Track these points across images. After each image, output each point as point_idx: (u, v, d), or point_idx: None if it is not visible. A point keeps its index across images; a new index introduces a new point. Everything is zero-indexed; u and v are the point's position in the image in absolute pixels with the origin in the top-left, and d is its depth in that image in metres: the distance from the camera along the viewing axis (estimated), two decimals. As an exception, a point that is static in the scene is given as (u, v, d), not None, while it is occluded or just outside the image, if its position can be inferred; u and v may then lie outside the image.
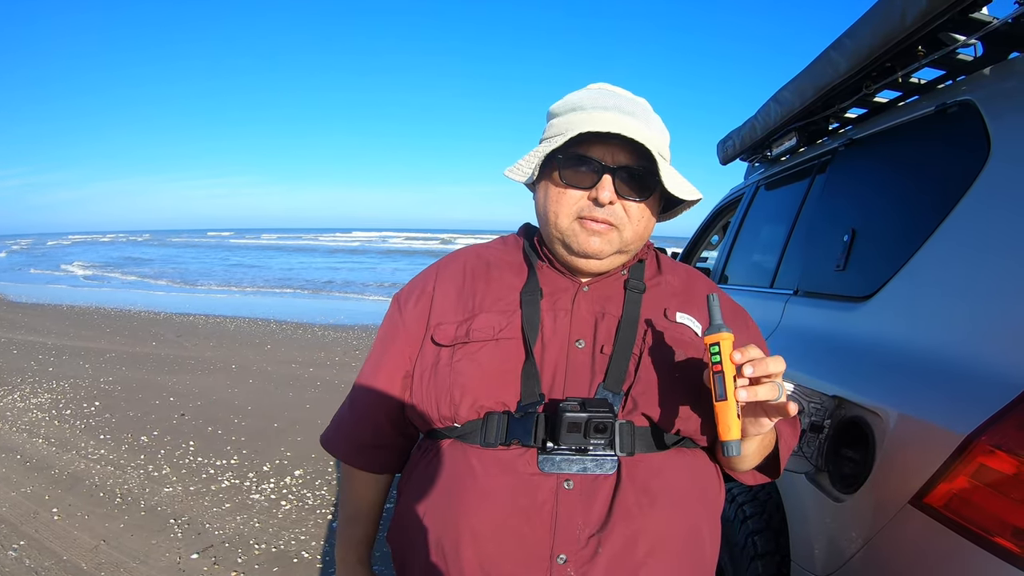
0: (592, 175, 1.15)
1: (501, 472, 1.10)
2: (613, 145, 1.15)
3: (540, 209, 1.24)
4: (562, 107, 1.22)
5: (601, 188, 1.15)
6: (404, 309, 1.31)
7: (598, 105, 1.17)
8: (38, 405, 6.88)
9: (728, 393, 0.99)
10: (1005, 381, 1.20)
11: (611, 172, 1.15)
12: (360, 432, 1.35)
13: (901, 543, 1.35)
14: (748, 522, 2.07)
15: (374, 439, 1.34)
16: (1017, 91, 1.59)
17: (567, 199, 1.18)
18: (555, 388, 1.15)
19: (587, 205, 1.17)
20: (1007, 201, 1.44)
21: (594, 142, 1.15)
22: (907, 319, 1.62)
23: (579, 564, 1.05)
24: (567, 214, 1.18)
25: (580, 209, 1.17)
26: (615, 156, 1.16)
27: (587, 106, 1.18)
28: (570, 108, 1.20)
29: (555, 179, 1.19)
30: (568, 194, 1.17)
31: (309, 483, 4.88)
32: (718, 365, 1.00)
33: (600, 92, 1.22)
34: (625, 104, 1.19)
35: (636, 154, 1.16)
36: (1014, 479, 1.12)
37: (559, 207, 1.18)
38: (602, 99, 1.19)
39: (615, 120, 1.14)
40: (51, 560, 3.63)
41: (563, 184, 1.17)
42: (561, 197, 1.18)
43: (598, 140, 1.15)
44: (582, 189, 1.17)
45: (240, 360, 9.51)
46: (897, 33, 1.76)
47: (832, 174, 2.48)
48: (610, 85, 1.26)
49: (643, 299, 1.26)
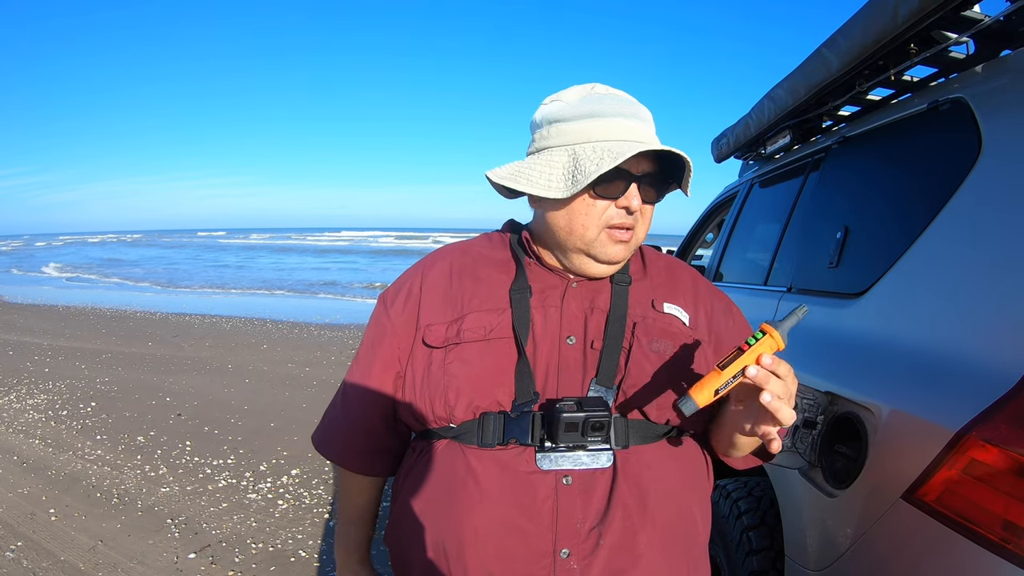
0: (622, 184, 1.15)
1: (501, 472, 1.11)
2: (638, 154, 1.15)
3: (560, 222, 1.21)
4: (571, 112, 1.19)
5: (630, 196, 1.15)
6: (391, 309, 1.30)
7: (617, 112, 1.16)
8: (34, 406, 6.86)
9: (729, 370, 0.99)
10: (996, 376, 1.21)
11: (637, 180, 1.16)
12: (356, 436, 1.34)
13: (894, 537, 1.36)
14: (743, 518, 2.09)
15: (370, 443, 1.34)
16: (1009, 89, 1.60)
17: (596, 210, 1.17)
18: (548, 386, 1.16)
19: (617, 213, 1.17)
20: (999, 198, 1.44)
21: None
22: (899, 315, 1.63)
23: (581, 557, 1.07)
24: (596, 225, 1.17)
25: (609, 218, 1.17)
26: (639, 165, 1.16)
27: (606, 113, 1.16)
28: (584, 115, 1.17)
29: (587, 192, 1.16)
30: (598, 205, 1.16)
31: (306, 482, 4.88)
32: (747, 346, 1.00)
33: (611, 98, 1.19)
34: (639, 111, 1.19)
35: (653, 159, 1.17)
36: (1005, 473, 1.13)
37: (588, 219, 1.17)
38: (616, 106, 1.17)
39: (638, 130, 1.15)
40: (48, 561, 3.62)
41: (595, 196, 1.16)
42: (591, 209, 1.17)
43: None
44: (611, 199, 1.16)
45: (236, 360, 9.51)
46: (890, 31, 1.77)
47: (825, 171, 2.49)
48: (603, 85, 1.25)
49: (630, 292, 1.26)
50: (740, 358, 0.99)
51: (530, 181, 1.19)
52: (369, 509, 1.45)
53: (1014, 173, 1.43)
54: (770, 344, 1.00)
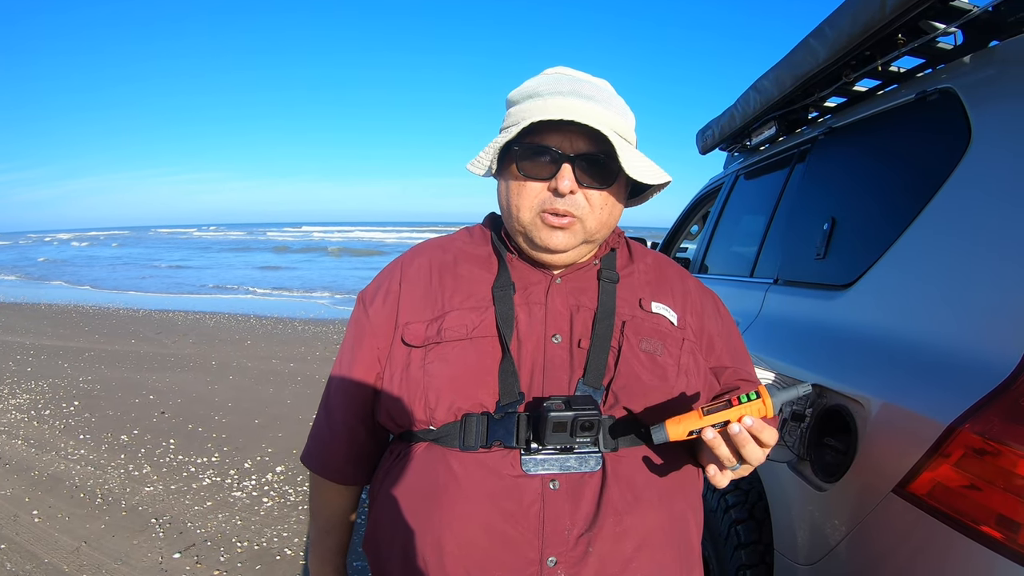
0: (550, 165, 1.12)
1: (484, 475, 1.07)
2: (571, 132, 1.11)
3: (502, 203, 1.21)
4: (519, 95, 1.18)
5: (560, 178, 1.10)
6: (370, 309, 1.26)
7: (555, 91, 1.13)
8: (16, 406, 6.78)
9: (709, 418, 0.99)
10: (987, 369, 1.20)
11: (570, 160, 1.11)
12: (337, 444, 1.29)
13: (885, 532, 1.35)
14: (731, 512, 2.08)
15: (351, 450, 1.30)
16: (997, 79, 1.59)
17: (527, 191, 1.14)
18: (534, 385, 1.13)
19: (548, 197, 1.13)
20: (987, 188, 1.44)
21: (551, 130, 1.11)
22: (888, 307, 1.63)
23: (569, 565, 1.04)
24: (528, 207, 1.14)
25: (542, 202, 1.13)
26: (574, 144, 1.12)
27: (543, 92, 1.13)
28: (526, 95, 1.16)
29: (513, 171, 1.14)
30: (528, 186, 1.14)
31: (291, 479, 4.85)
32: (737, 402, 0.99)
33: (557, 77, 1.17)
34: (584, 88, 1.14)
35: (596, 140, 1.12)
36: (996, 467, 1.12)
37: (520, 200, 1.15)
38: (559, 84, 1.14)
39: (571, 106, 1.10)
40: (32, 563, 3.58)
41: (522, 176, 1.13)
42: (521, 190, 1.14)
43: (555, 128, 1.11)
44: (541, 180, 1.13)
45: (220, 356, 9.44)
46: (877, 21, 1.76)
47: (812, 163, 2.48)
48: (569, 69, 1.21)
49: (617, 290, 1.23)
50: (725, 411, 0.99)
51: (475, 162, 1.20)
52: (344, 516, 1.40)
53: (1003, 163, 1.42)
54: (759, 408, 0.98)
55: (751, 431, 0.97)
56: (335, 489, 1.35)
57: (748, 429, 0.97)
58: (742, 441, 0.97)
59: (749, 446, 0.98)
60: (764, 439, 0.98)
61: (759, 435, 0.97)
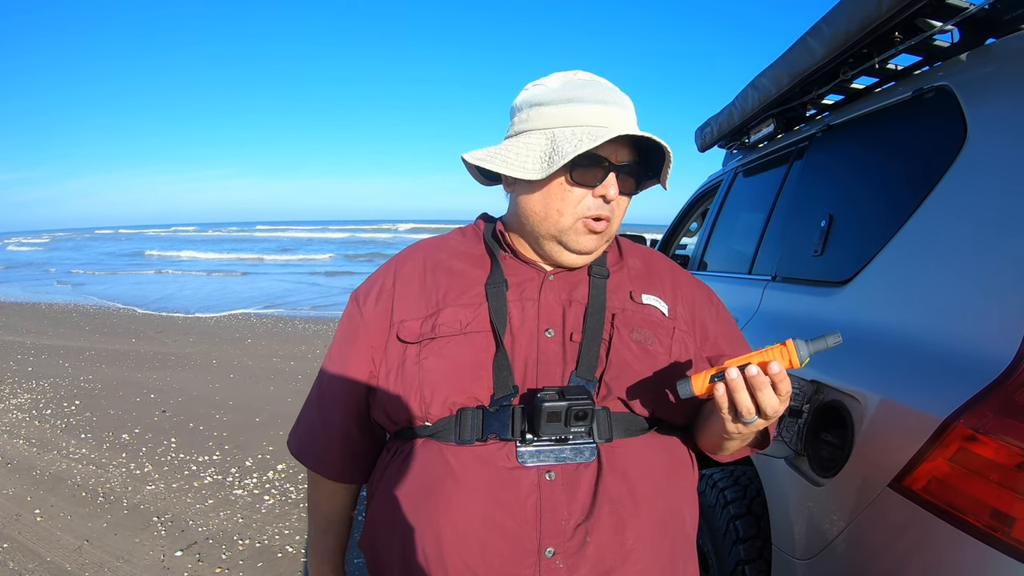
0: (600, 173, 1.14)
1: (480, 468, 1.09)
2: (618, 142, 1.14)
3: (534, 206, 1.20)
4: (553, 96, 1.17)
5: (608, 185, 1.14)
6: (364, 307, 1.27)
7: (598, 99, 1.15)
8: (18, 406, 6.79)
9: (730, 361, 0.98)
10: (982, 365, 1.21)
11: (615, 169, 1.15)
12: (331, 441, 1.30)
13: (881, 526, 1.36)
14: (729, 507, 2.09)
15: (346, 447, 1.31)
16: (994, 76, 1.59)
17: (573, 197, 1.16)
18: (528, 379, 1.14)
19: (594, 203, 1.16)
20: (984, 185, 1.44)
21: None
22: (885, 303, 1.63)
23: (567, 555, 1.05)
24: (572, 212, 1.16)
25: (586, 208, 1.16)
26: (619, 153, 1.15)
27: (587, 99, 1.15)
28: (565, 100, 1.16)
29: (565, 178, 1.15)
30: (575, 192, 1.15)
31: (292, 477, 4.86)
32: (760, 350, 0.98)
33: (593, 84, 1.18)
34: (620, 99, 1.17)
35: (633, 149, 1.17)
36: (992, 461, 1.13)
37: (564, 205, 1.16)
38: (598, 92, 1.16)
39: (622, 118, 1.14)
40: (35, 562, 3.59)
41: (572, 183, 1.15)
42: (567, 195, 1.16)
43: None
44: (588, 187, 1.15)
45: (220, 355, 9.45)
46: (873, 19, 1.77)
47: (810, 160, 2.49)
48: (590, 74, 1.22)
49: (608, 284, 1.25)
50: (749, 355, 0.98)
51: (506, 162, 1.18)
52: (343, 515, 1.41)
53: (999, 161, 1.43)
54: (783, 354, 0.96)
55: (773, 377, 0.95)
56: (334, 488, 1.36)
57: (772, 375, 0.95)
58: (759, 384, 0.95)
59: (766, 390, 0.95)
60: (781, 389, 0.96)
61: (779, 383, 0.95)
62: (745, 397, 0.97)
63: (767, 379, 0.95)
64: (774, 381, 0.96)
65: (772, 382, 0.96)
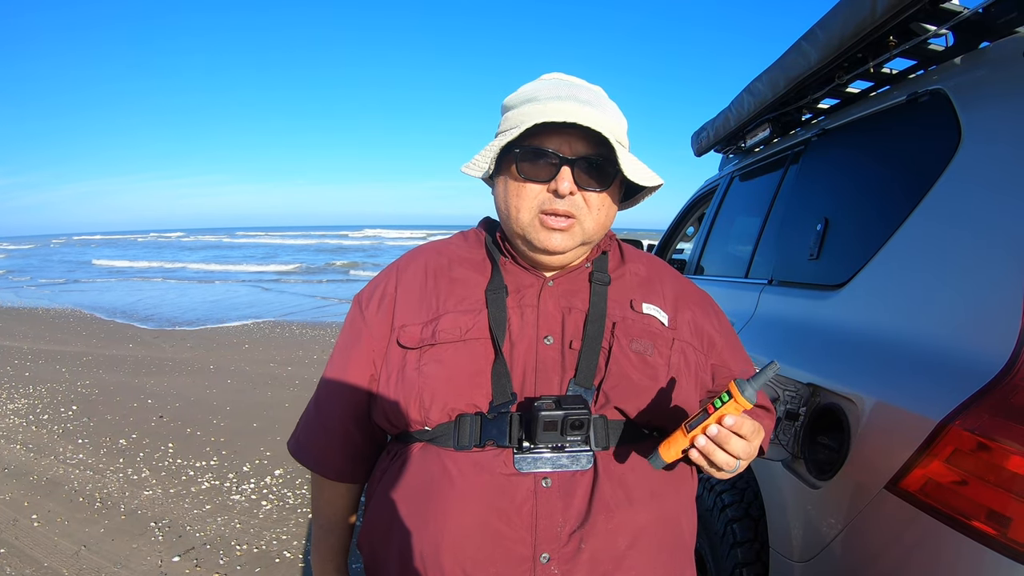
0: (551, 167, 1.14)
1: (477, 474, 1.09)
2: (570, 135, 1.14)
3: (500, 205, 1.22)
4: (516, 99, 1.20)
5: (560, 180, 1.13)
6: (366, 311, 1.28)
7: (553, 95, 1.15)
8: (15, 411, 6.78)
9: (694, 432, 1.02)
10: (977, 367, 1.21)
11: (569, 163, 1.13)
12: (332, 442, 1.31)
13: (878, 528, 1.36)
14: (727, 510, 2.09)
15: (346, 449, 1.31)
16: (987, 80, 1.60)
17: (527, 193, 1.16)
18: (526, 386, 1.14)
19: (547, 198, 1.15)
20: (978, 188, 1.45)
21: (551, 133, 1.13)
22: (880, 307, 1.64)
23: (562, 562, 1.05)
24: (527, 208, 1.16)
25: (541, 203, 1.15)
26: (573, 146, 1.14)
27: (541, 97, 1.15)
28: (525, 99, 1.18)
29: (513, 173, 1.16)
30: (527, 188, 1.15)
31: (289, 482, 4.86)
32: (712, 408, 1.01)
33: (555, 82, 1.20)
34: (580, 93, 1.17)
35: (594, 143, 1.15)
36: (988, 463, 1.14)
37: (519, 201, 1.16)
38: (556, 89, 1.16)
39: (571, 109, 1.11)
40: (32, 568, 3.58)
41: (521, 178, 1.15)
42: (520, 191, 1.16)
43: (555, 131, 1.13)
44: (541, 182, 1.15)
45: (218, 360, 9.44)
46: (868, 24, 1.77)
47: (805, 164, 2.50)
48: (564, 74, 1.24)
49: (609, 292, 1.25)
50: (705, 421, 1.02)
51: (471, 165, 1.21)
52: (345, 516, 1.41)
53: (993, 164, 1.44)
54: (734, 407, 1.00)
55: (732, 429, 1.00)
56: (337, 488, 1.36)
57: (729, 428, 1.00)
58: (723, 438, 1.01)
59: (732, 440, 1.01)
60: (744, 432, 1.02)
61: (739, 430, 1.01)
62: (722, 455, 1.02)
63: (729, 432, 1.01)
64: (733, 431, 1.01)
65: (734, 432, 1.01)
